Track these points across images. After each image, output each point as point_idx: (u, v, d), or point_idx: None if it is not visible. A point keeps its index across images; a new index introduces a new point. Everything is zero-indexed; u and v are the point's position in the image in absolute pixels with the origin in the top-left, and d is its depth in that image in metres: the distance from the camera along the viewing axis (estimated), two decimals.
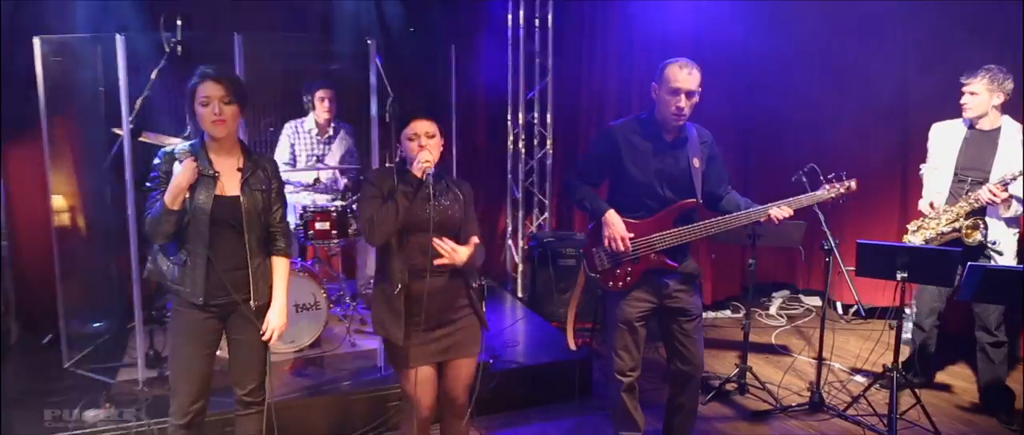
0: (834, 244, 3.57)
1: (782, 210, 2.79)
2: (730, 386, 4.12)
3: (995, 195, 3.50)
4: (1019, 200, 3.53)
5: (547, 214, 5.83)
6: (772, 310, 5.69)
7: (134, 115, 3.40)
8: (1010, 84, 3.56)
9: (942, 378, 4.35)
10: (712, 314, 5.66)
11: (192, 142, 2.56)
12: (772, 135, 5.77)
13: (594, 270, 2.92)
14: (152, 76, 3.53)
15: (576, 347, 3.53)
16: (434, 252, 2.45)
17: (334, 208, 4.05)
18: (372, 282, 2.89)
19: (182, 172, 2.44)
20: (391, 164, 2.68)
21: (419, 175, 2.43)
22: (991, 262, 3.60)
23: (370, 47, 3.40)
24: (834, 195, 2.90)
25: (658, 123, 2.80)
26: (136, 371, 3.49)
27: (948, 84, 3.81)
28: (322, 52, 4.53)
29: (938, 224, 3.77)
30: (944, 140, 3.82)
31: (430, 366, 2.57)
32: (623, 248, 2.76)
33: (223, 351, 2.69)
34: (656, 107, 2.80)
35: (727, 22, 5.39)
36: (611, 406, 3.12)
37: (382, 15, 4.40)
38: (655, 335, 3.13)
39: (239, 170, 2.57)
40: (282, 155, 4.57)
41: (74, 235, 4.49)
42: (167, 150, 2.53)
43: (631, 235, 2.79)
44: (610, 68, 5.59)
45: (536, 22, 5.56)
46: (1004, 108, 3.66)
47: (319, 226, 3.98)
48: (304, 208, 4.06)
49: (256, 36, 3.46)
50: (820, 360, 3.93)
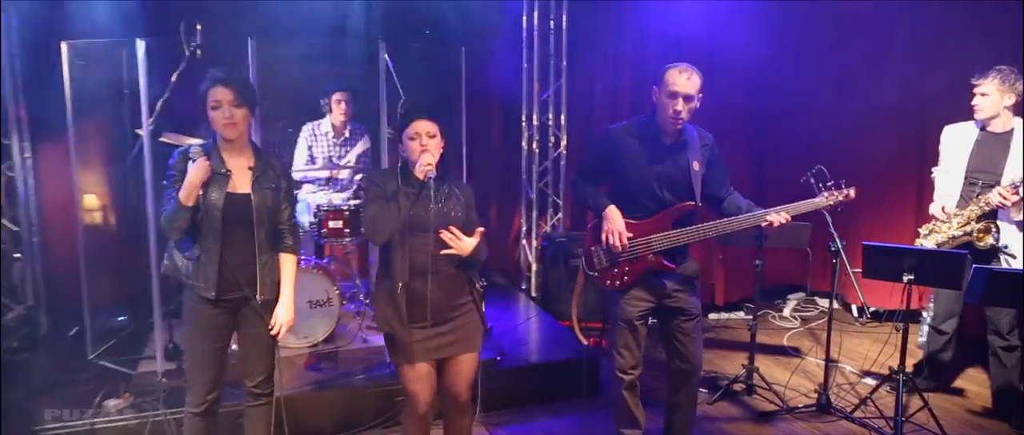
0: (841, 246, 3.57)
1: (780, 216, 2.81)
2: (738, 386, 4.14)
3: (1006, 198, 3.47)
4: None
5: (561, 214, 5.88)
6: (786, 312, 5.67)
7: (155, 116, 3.53)
8: (1020, 85, 3.53)
9: (957, 382, 4.30)
10: (725, 315, 5.66)
11: (205, 142, 2.67)
12: (786, 135, 5.76)
13: (592, 269, 2.97)
14: (172, 79, 3.68)
15: (586, 343, 3.57)
16: (436, 250, 2.52)
17: (347, 207, 4.14)
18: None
19: (196, 170, 2.54)
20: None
21: (421, 177, 2.50)
22: (1003, 265, 3.57)
23: (380, 50, 3.47)
24: (832, 202, 2.92)
25: (657, 126, 2.85)
26: (155, 363, 3.63)
27: (966, 85, 3.78)
28: (336, 55, 4.63)
29: (949, 228, 3.74)
30: (956, 142, 3.79)
31: (430, 363, 2.64)
32: (620, 243, 2.81)
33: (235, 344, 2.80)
34: (656, 110, 2.84)
35: (741, 24, 5.38)
36: (612, 403, 3.17)
37: (394, 18, 4.48)
38: (657, 335, 3.17)
39: (250, 169, 2.67)
40: (300, 157, 4.70)
41: (100, 232, 4.66)
42: (182, 150, 2.64)
43: (630, 235, 2.83)
44: (624, 70, 5.62)
45: (550, 24, 5.61)
46: (1015, 109, 3.62)
47: (332, 224, 4.08)
48: (318, 207, 4.17)
49: (270, 40, 3.55)
50: (827, 361, 3.92)
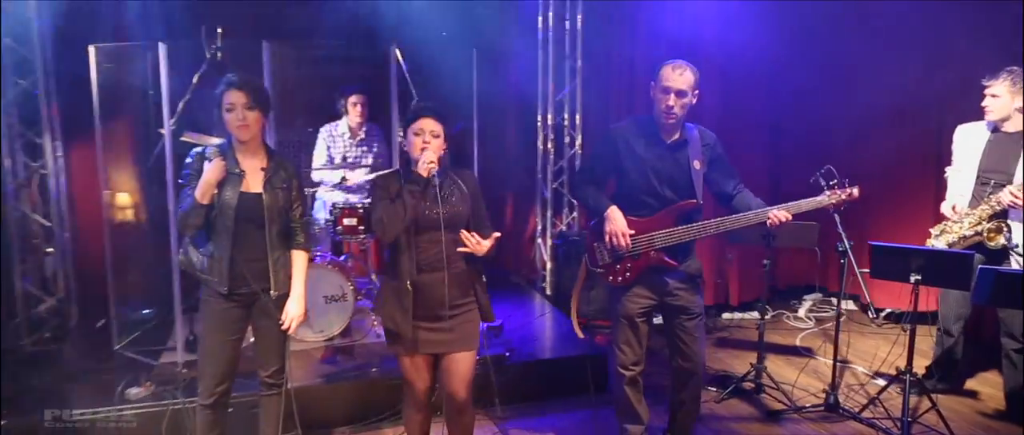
0: (848, 246, 3.57)
1: (781, 214, 2.83)
2: (747, 385, 4.15)
3: (1017, 197, 3.44)
4: None
5: (576, 213, 5.92)
6: (801, 312, 5.65)
7: (176, 116, 3.67)
8: None
9: (971, 385, 4.26)
10: (739, 315, 5.66)
11: (221, 143, 2.79)
12: (801, 135, 5.74)
13: (595, 265, 3.02)
14: (194, 80, 3.82)
15: (583, 337, 3.62)
16: (444, 246, 2.58)
17: (361, 205, 4.25)
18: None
19: (211, 170, 2.66)
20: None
21: (425, 175, 2.57)
22: (1015, 266, 3.54)
23: (391, 53, 3.56)
24: (834, 201, 2.93)
25: (657, 124, 2.89)
26: (176, 354, 3.78)
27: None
28: (352, 58, 4.74)
29: (961, 227, 3.72)
30: (968, 142, 3.77)
31: (428, 356, 2.70)
32: (623, 244, 2.86)
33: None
34: (654, 107, 2.89)
35: (755, 25, 5.38)
36: (615, 399, 3.22)
37: (408, 20, 4.57)
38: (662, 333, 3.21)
39: (263, 169, 2.78)
40: (319, 157, 4.82)
41: (127, 229, 4.84)
42: (198, 150, 2.76)
43: (632, 232, 2.88)
44: (638, 69, 5.64)
45: (566, 25, 5.66)
46: None
47: (347, 222, 4.18)
48: (334, 205, 4.28)
49: (284, 43, 3.66)
50: (836, 361, 3.92)
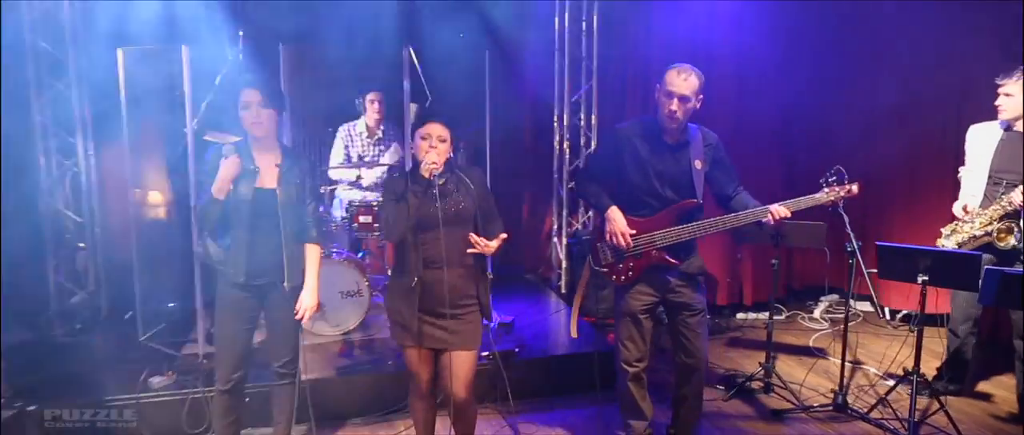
0: (856, 246, 3.57)
1: (780, 210, 2.87)
2: (756, 384, 4.17)
3: None
4: None
5: (591, 213, 5.98)
6: (816, 313, 5.63)
7: (199, 116, 3.82)
8: None
9: (985, 387, 4.23)
10: (752, 315, 5.66)
11: (237, 141, 2.91)
12: (818, 135, 5.72)
13: (598, 264, 3.08)
14: (216, 81, 3.97)
15: (577, 336, 3.73)
16: (447, 244, 2.65)
17: (376, 204, 4.36)
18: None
19: (226, 166, 2.78)
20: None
21: (426, 175, 2.64)
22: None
23: (405, 55, 3.67)
24: (834, 198, 2.96)
25: (659, 126, 2.95)
26: (197, 346, 3.93)
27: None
28: (372, 58, 4.86)
29: (972, 228, 3.70)
30: (980, 142, 3.75)
31: (430, 349, 2.78)
32: (624, 243, 2.92)
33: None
34: (658, 110, 2.94)
35: (772, 27, 5.40)
36: (619, 395, 3.27)
37: (424, 22, 4.68)
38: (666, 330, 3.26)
39: (277, 166, 2.90)
40: (337, 155, 4.95)
41: (154, 225, 5.02)
42: (216, 147, 2.88)
43: (633, 231, 2.94)
44: (653, 71, 5.64)
45: (582, 25, 5.72)
46: None
47: (362, 220, 4.30)
48: (350, 203, 4.40)
49: (301, 45, 3.78)
50: (844, 361, 3.92)
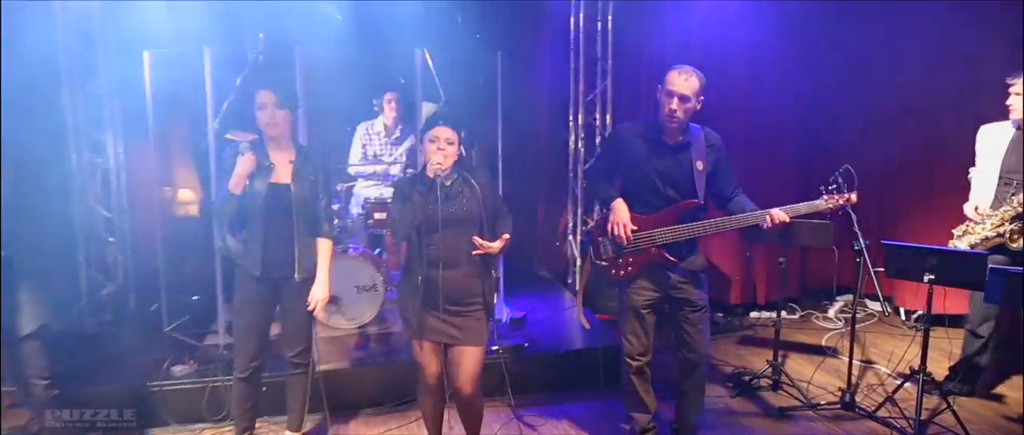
0: (863, 245, 3.59)
1: (779, 214, 2.91)
2: (765, 382, 4.20)
3: None
4: None
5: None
6: (831, 313, 5.62)
7: (221, 115, 3.97)
8: None
9: (1001, 389, 4.20)
10: (766, 314, 5.67)
11: (254, 139, 3.04)
12: (839, 134, 5.70)
13: (599, 258, 3.15)
14: (237, 82, 4.11)
15: (589, 327, 3.83)
16: (450, 243, 2.75)
17: (391, 201, 4.47)
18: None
19: (242, 163, 2.92)
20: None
21: (430, 175, 2.73)
22: None
23: (416, 56, 3.77)
24: (832, 206, 3.00)
25: (661, 126, 3.00)
26: (218, 337, 4.08)
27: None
28: (389, 60, 4.98)
29: (983, 229, 3.69)
30: (991, 142, 3.74)
31: (437, 343, 2.86)
32: (625, 234, 2.98)
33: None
34: (659, 109, 3.00)
35: (789, 27, 5.40)
36: (623, 389, 3.33)
37: (438, 23, 4.78)
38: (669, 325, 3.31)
39: (291, 163, 3.03)
40: (355, 154, 5.08)
41: (179, 221, 5.20)
42: (233, 145, 3.02)
43: (635, 227, 3.00)
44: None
45: (597, 25, 5.77)
46: None
47: (378, 216, 4.43)
48: (366, 199, 4.52)
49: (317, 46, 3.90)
50: (851, 359, 3.93)
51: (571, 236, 6.20)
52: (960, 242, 3.78)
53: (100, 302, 4.80)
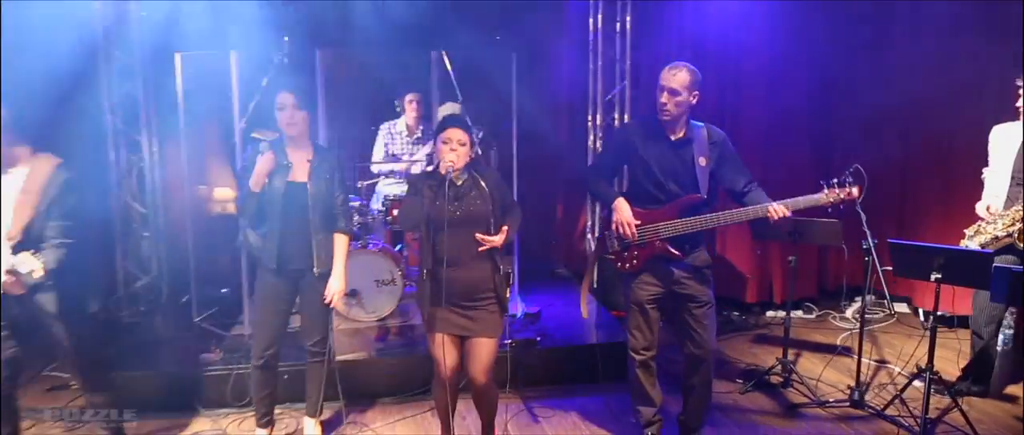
0: (872, 244, 3.61)
1: (780, 208, 2.96)
2: (775, 379, 4.24)
3: None
4: None
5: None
6: (848, 313, 5.61)
7: (247, 116, 4.16)
8: None
9: (1012, 389, 4.17)
10: (782, 313, 5.65)
11: (274, 139, 3.20)
12: (856, 132, 5.69)
13: (605, 252, 3.24)
14: (263, 83, 4.29)
15: (587, 316, 3.92)
16: (456, 240, 2.85)
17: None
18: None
19: (262, 162, 3.08)
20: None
21: (442, 172, 2.84)
22: None
23: (433, 57, 3.90)
24: (833, 200, 3.03)
25: (659, 122, 3.09)
26: (244, 327, 4.28)
27: None
28: (411, 61, 5.12)
29: (994, 229, 3.68)
30: (1003, 142, 3.73)
31: (452, 336, 2.96)
32: (628, 233, 3.07)
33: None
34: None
35: (807, 27, 5.41)
36: (629, 382, 3.42)
37: (457, 24, 4.89)
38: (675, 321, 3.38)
39: (309, 161, 3.18)
40: (378, 153, 5.23)
41: (210, 217, 5.41)
42: (254, 145, 3.18)
43: (638, 222, 3.09)
44: None
45: (616, 26, 5.84)
46: None
47: (396, 213, 4.56)
48: (385, 197, 4.67)
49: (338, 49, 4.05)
50: (860, 357, 3.96)
51: (589, 235, 6.29)
52: (971, 242, 3.77)
53: (135, 294, 5.03)
